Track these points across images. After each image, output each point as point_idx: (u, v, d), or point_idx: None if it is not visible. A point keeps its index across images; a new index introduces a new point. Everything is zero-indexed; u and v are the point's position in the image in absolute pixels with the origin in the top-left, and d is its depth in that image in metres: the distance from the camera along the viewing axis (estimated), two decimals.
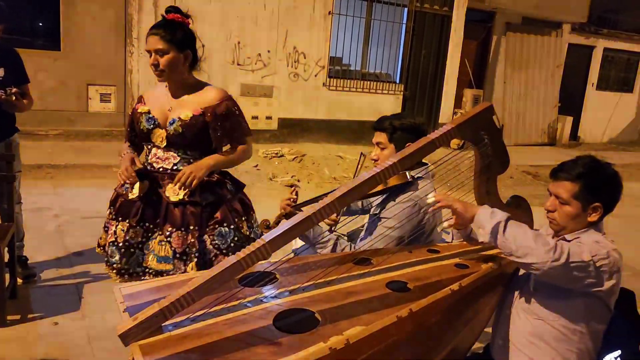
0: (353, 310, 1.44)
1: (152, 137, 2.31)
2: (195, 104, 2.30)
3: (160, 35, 2.22)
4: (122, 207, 2.31)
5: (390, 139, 2.26)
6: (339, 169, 7.97)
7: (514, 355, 1.85)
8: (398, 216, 2.11)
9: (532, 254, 1.59)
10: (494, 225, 1.65)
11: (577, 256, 1.62)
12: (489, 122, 1.78)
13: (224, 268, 1.33)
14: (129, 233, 2.27)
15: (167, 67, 2.24)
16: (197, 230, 2.27)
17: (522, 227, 1.66)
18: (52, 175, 6.31)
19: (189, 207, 2.27)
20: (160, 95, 2.38)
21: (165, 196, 2.27)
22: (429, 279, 1.67)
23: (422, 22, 10.33)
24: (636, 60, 14.41)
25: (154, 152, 2.34)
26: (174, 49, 2.23)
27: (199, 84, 2.38)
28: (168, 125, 2.28)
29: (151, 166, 2.34)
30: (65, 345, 2.85)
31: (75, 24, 7.62)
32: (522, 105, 11.99)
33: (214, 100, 2.31)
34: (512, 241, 1.62)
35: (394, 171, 1.58)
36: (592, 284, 1.67)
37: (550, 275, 1.64)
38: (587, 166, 1.77)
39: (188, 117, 2.26)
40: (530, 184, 8.46)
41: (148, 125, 2.30)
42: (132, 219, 2.27)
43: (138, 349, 1.24)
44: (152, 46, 2.23)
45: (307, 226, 1.46)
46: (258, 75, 8.93)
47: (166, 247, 2.25)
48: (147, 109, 2.33)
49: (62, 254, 4.00)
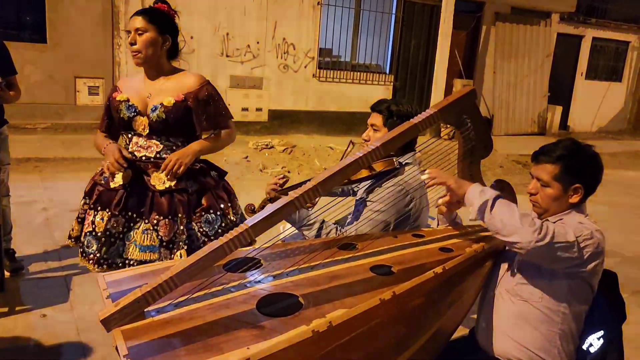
0: (336, 293, 1.45)
1: (133, 125, 2.29)
2: (175, 90, 2.28)
3: (143, 16, 2.24)
4: (101, 196, 2.28)
5: (385, 123, 2.27)
6: (330, 159, 7.98)
7: (497, 337, 1.86)
8: (384, 200, 2.11)
9: (518, 233, 1.60)
10: (482, 202, 1.66)
11: (562, 237, 1.64)
12: (472, 106, 1.79)
13: (206, 253, 1.33)
14: (110, 222, 2.23)
15: (144, 47, 2.23)
16: (185, 217, 2.26)
17: (510, 206, 1.67)
18: (40, 168, 6.27)
19: (176, 195, 2.26)
20: (136, 83, 2.37)
21: (150, 185, 2.25)
22: (413, 262, 1.68)
23: (412, 12, 10.32)
24: (624, 49, 14.50)
25: (135, 141, 2.31)
26: (154, 30, 2.24)
27: (175, 70, 2.38)
28: (150, 112, 2.25)
29: (133, 155, 2.30)
30: (54, 337, 2.84)
31: (61, 16, 7.55)
32: (512, 95, 12.04)
33: (193, 85, 2.30)
34: (498, 220, 1.64)
35: (377, 155, 1.58)
36: (576, 265, 1.68)
37: (534, 255, 1.65)
38: (567, 148, 1.80)
39: (171, 103, 2.24)
40: (520, 173, 8.50)
41: (129, 113, 2.27)
42: (113, 208, 2.23)
43: (120, 334, 1.24)
44: (132, 25, 2.24)
45: (290, 210, 1.46)
46: (247, 67, 8.90)
47: (152, 236, 2.23)
48: (125, 97, 2.30)
49: (50, 247, 3.98)
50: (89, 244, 2.27)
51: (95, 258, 2.25)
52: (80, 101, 7.88)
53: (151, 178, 2.26)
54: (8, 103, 3.36)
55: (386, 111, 2.28)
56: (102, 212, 2.26)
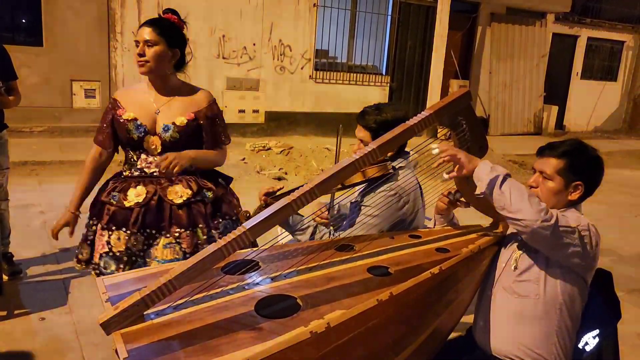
0: (334, 295, 1.46)
1: (144, 144, 2.26)
2: (184, 107, 2.26)
3: (153, 27, 2.20)
4: (115, 216, 2.21)
5: (374, 138, 2.16)
6: (327, 161, 7.99)
7: (494, 335, 1.88)
8: (378, 206, 2.12)
9: (525, 210, 1.63)
10: (493, 178, 1.67)
11: (565, 222, 1.68)
12: (467, 108, 1.80)
13: (204, 256, 1.34)
14: (130, 241, 2.18)
15: (153, 60, 2.20)
16: (205, 227, 2.25)
17: (520, 185, 1.70)
18: (38, 172, 6.27)
19: (194, 207, 2.24)
20: (140, 96, 2.30)
21: (168, 200, 2.21)
22: (410, 263, 1.69)
23: (407, 13, 10.35)
24: (619, 49, 14.56)
25: (144, 157, 2.27)
26: (164, 43, 2.21)
27: (184, 85, 2.35)
28: (162, 131, 2.22)
29: (142, 171, 2.27)
30: (52, 340, 2.85)
31: (57, 19, 7.55)
32: (508, 95, 12.07)
33: (203, 103, 2.31)
34: (507, 196, 1.65)
35: (373, 157, 1.59)
36: (576, 253, 1.71)
37: (537, 236, 1.66)
38: (573, 146, 1.85)
39: (184, 122, 2.23)
40: (517, 172, 8.53)
41: (138, 133, 2.23)
42: (132, 227, 2.18)
43: (120, 337, 1.24)
44: (141, 37, 2.19)
45: (288, 213, 1.47)
46: (244, 69, 8.91)
47: (175, 249, 2.19)
48: (132, 116, 2.24)
49: (48, 250, 3.98)
50: (107, 265, 2.21)
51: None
52: (76, 104, 7.87)
53: (167, 193, 2.22)
54: (8, 108, 3.37)
55: (373, 125, 2.18)
56: (118, 232, 2.20)
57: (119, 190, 2.25)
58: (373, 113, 2.22)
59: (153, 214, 2.20)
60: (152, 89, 2.30)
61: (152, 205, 2.20)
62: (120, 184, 2.27)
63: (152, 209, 2.20)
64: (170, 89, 2.30)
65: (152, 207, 2.20)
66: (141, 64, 2.22)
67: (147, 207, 2.20)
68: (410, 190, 2.20)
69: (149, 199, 2.20)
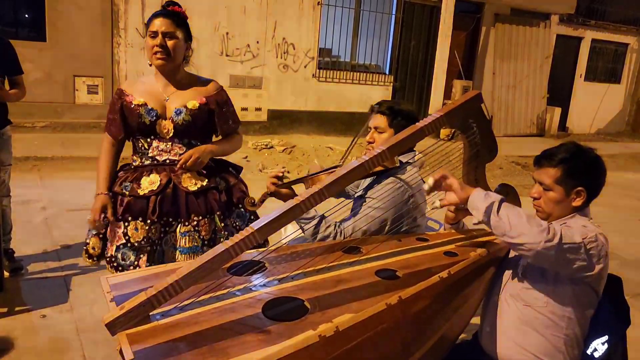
0: (342, 298, 1.44)
1: (157, 128, 2.23)
2: (194, 94, 2.27)
3: (171, 19, 2.17)
4: (131, 206, 2.18)
5: (390, 124, 2.24)
6: (329, 160, 7.97)
7: (501, 342, 1.85)
8: (382, 196, 2.10)
9: (526, 233, 1.58)
10: (488, 205, 1.64)
11: (569, 238, 1.62)
12: (477, 110, 1.78)
13: (212, 256, 1.32)
14: (150, 230, 2.18)
15: (174, 51, 2.18)
16: (221, 214, 2.30)
17: (516, 208, 1.66)
18: (39, 167, 6.25)
19: (209, 194, 2.27)
20: (149, 87, 2.28)
21: (182, 187, 2.21)
22: (418, 266, 1.67)
23: (412, 13, 10.32)
24: (623, 51, 14.52)
25: (156, 145, 2.25)
26: (183, 36, 2.21)
27: (192, 76, 2.35)
28: (174, 115, 2.21)
29: (154, 159, 2.25)
30: (53, 338, 2.83)
31: (60, 14, 7.53)
32: (511, 96, 12.05)
33: (212, 89, 2.32)
34: (505, 221, 1.61)
35: (383, 158, 1.57)
36: (583, 268, 1.67)
37: (542, 257, 1.62)
38: (568, 151, 1.79)
39: (196, 106, 2.23)
40: (519, 174, 8.51)
41: (149, 117, 2.20)
42: (150, 216, 2.17)
43: (125, 338, 1.22)
44: (160, 27, 2.14)
45: (296, 214, 1.45)
46: (247, 67, 8.89)
47: (194, 237, 2.21)
48: (142, 101, 2.21)
49: (49, 247, 3.97)
50: (125, 256, 2.18)
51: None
52: (79, 100, 7.85)
53: (182, 180, 2.22)
54: (10, 101, 3.34)
55: (390, 112, 2.25)
56: (134, 222, 2.18)
57: (130, 180, 2.23)
58: (389, 102, 2.32)
59: (170, 201, 2.20)
60: (161, 80, 2.28)
61: (167, 193, 2.20)
62: (132, 174, 2.26)
63: (168, 197, 2.20)
64: (179, 81, 2.29)
65: (168, 195, 2.20)
66: (161, 57, 2.17)
67: (163, 195, 2.19)
68: (415, 186, 2.18)
69: (164, 187, 2.20)
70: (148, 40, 2.18)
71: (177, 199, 2.21)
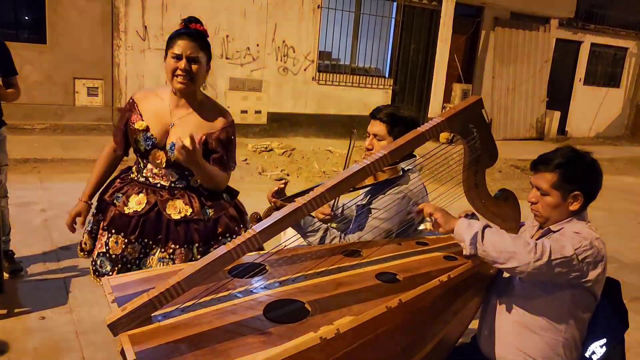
0: (343, 300, 1.45)
1: (149, 156, 2.20)
2: (199, 126, 2.18)
3: (196, 42, 2.10)
4: (115, 220, 2.19)
5: (389, 132, 2.21)
6: (329, 163, 7.98)
7: (500, 345, 1.86)
8: (388, 209, 2.11)
9: (514, 257, 1.61)
10: (473, 236, 1.66)
11: (559, 252, 1.63)
12: (478, 116, 1.79)
13: (213, 258, 1.33)
14: (127, 249, 2.17)
15: (198, 77, 2.12)
16: (202, 245, 2.20)
17: (499, 232, 1.68)
18: (39, 169, 6.25)
19: (192, 224, 2.19)
20: (158, 107, 2.21)
21: (166, 214, 2.17)
22: (418, 270, 1.68)
23: (411, 16, 10.35)
24: (623, 55, 14.56)
25: (150, 168, 2.22)
26: (205, 60, 2.14)
27: (207, 100, 2.27)
28: (169, 149, 2.15)
29: (147, 180, 2.23)
30: (52, 340, 2.83)
31: (61, 17, 7.54)
32: (511, 99, 12.07)
33: (219, 125, 2.22)
34: (492, 249, 1.63)
35: (384, 163, 1.58)
36: (577, 277, 1.69)
37: (535, 276, 1.64)
38: (564, 156, 1.80)
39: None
40: (519, 177, 8.52)
41: (146, 145, 2.17)
42: (129, 235, 2.16)
43: (127, 339, 1.23)
44: (185, 51, 2.08)
45: (298, 217, 1.46)
46: (247, 69, 8.90)
47: (168, 265, 2.16)
48: (144, 126, 2.17)
49: (49, 249, 3.97)
50: (102, 264, 2.21)
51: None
52: (79, 102, 7.86)
53: (167, 207, 2.18)
54: (6, 101, 3.35)
55: (389, 119, 2.22)
56: (116, 236, 2.19)
57: (123, 192, 2.23)
58: (389, 108, 2.26)
59: (152, 224, 2.17)
60: (175, 99, 2.20)
61: (151, 216, 2.17)
62: (126, 186, 2.25)
63: (151, 219, 2.17)
64: (193, 103, 2.21)
65: (151, 217, 2.17)
66: (183, 81, 2.10)
67: (147, 217, 2.17)
68: (418, 193, 2.19)
69: (149, 210, 2.18)
70: (170, 62, 2.10)
71: (160, 225, 2.17)
